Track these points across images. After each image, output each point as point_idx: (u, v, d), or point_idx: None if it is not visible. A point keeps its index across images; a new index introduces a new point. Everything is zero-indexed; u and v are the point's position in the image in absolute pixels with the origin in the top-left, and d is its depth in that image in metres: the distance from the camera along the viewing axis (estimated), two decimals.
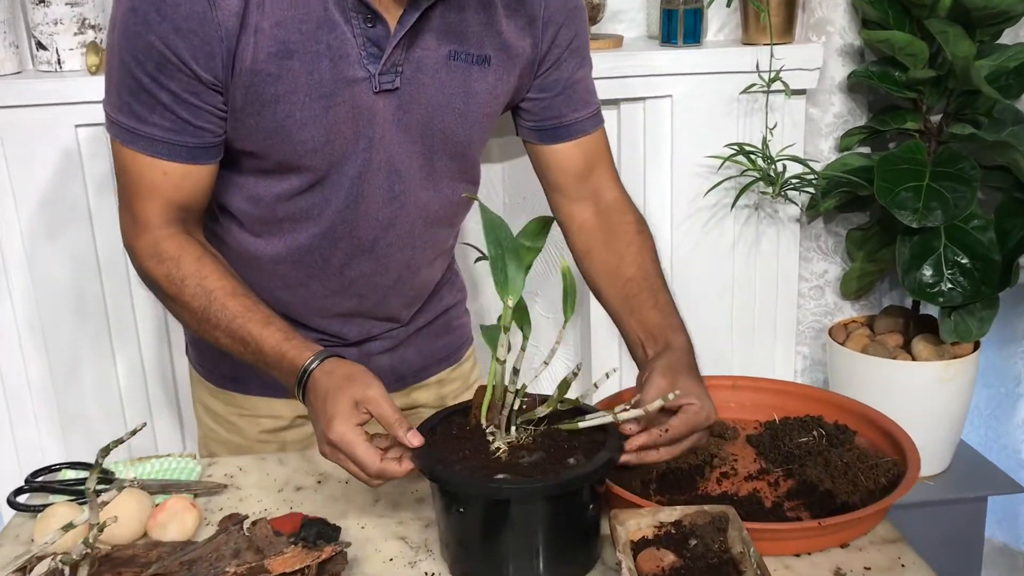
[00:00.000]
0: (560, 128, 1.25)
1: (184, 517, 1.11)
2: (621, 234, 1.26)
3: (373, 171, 1.16)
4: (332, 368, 1.05)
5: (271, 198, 1.17)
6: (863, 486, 1.14)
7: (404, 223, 1.22)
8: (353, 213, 1.18)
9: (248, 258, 1.23)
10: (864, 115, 2.01)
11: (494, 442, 1.04)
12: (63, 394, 1.84)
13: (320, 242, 1.20)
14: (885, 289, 2.16)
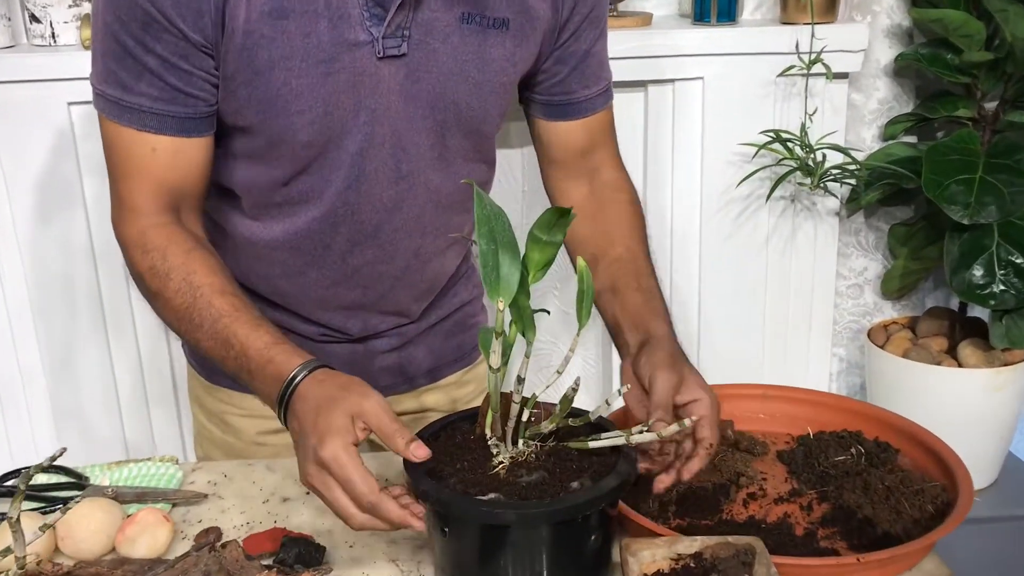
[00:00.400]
0: (569, 105, 1.17)
1: (156, 531, 1.02)
2: (613, 214, 1.20)
3: (376, 147, 1.07)
4: (324, 378, 0.93)
5: (266, 181, 1.09)
6: (907, 514, 1.03)
7: (411, 207, 1.13)
8: (354, 194, 1.09)
9: (246, 243, 1.15)
10: (911, 101, 1.90)
11: (497, 455, 0.94)
12: (56, 386, 1.77)
13: (320, 226, 1.11)
14: (929, 289, 2.04)
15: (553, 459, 0.94)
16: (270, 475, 1.20)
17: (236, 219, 1.15)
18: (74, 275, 1.72)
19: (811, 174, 1.76)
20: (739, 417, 1.25)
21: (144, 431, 1.83)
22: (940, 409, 1.71)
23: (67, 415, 1.79)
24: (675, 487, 1.07)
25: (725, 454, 1.16)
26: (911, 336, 1.92)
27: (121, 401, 1.81)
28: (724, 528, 1.02)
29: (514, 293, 0.87)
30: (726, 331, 1.95)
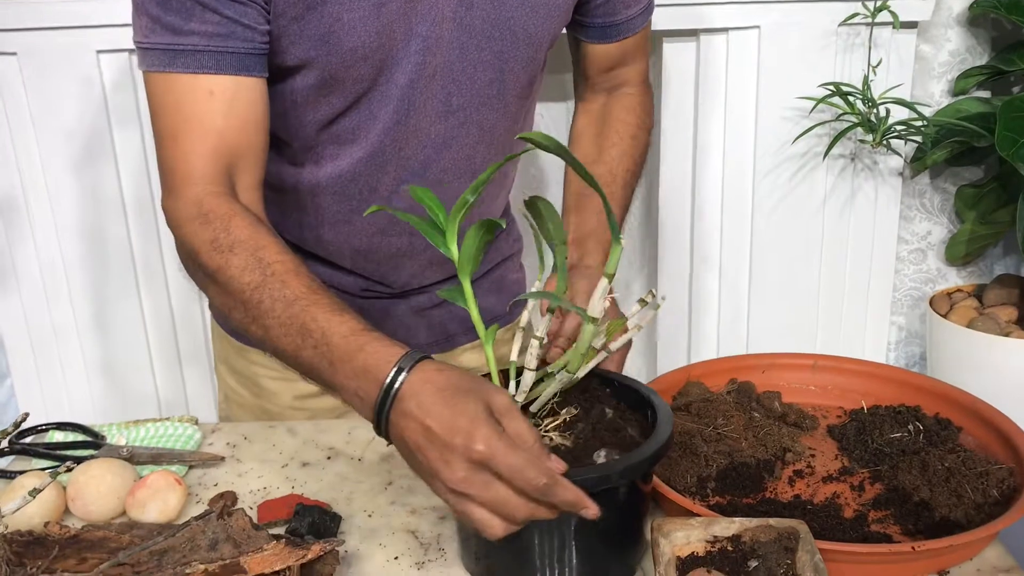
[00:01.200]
0: (609, 27, 1.15)
1: (167, 495, 0.98)
2: (612, 132, 1.18)
3: (427, 79, 1.02)
4: (440, 366, 0.77)
5: (313, 122, 1.04)
6: (969, 498, 0.95)
7: (462, 145, 1.08)
8: (402, 130, 1.04)
9: (286, 191, 1.11)
10: (985, 53, 1.78)
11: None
12: (88, 341, 1.75)
13: (365, 167, 1.06)
14: (998, 255, 1.94)
15: (579, 426, 0.88)
16: (291, 439, 1.15)
17: (280, 167, 1.10)
18: (105, 229, 1.69)
19: (873, 130, 1.66)
20: (787, 388, 1.18)
21: (177, 389, 1.80)
22: (1007, 384, 1.61)
23: (100, 371, 1.77)
24: (714, 462, 1.01)
25: (770, 428, 1.09)
26: (977, 305, 1.81)
27: (154, 358, 1.78)
28: (767, 507, 0.96)
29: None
30: (778, 297, 1.86)
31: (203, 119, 0.92)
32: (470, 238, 0.84)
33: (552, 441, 0.86)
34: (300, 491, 1.04)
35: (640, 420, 0.91)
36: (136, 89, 1.62)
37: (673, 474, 1.01)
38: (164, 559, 0.87)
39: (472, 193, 0.83)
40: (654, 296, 0.87)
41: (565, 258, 0.86)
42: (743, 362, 1.21)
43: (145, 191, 1.68)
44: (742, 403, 1.13)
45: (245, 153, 0.96)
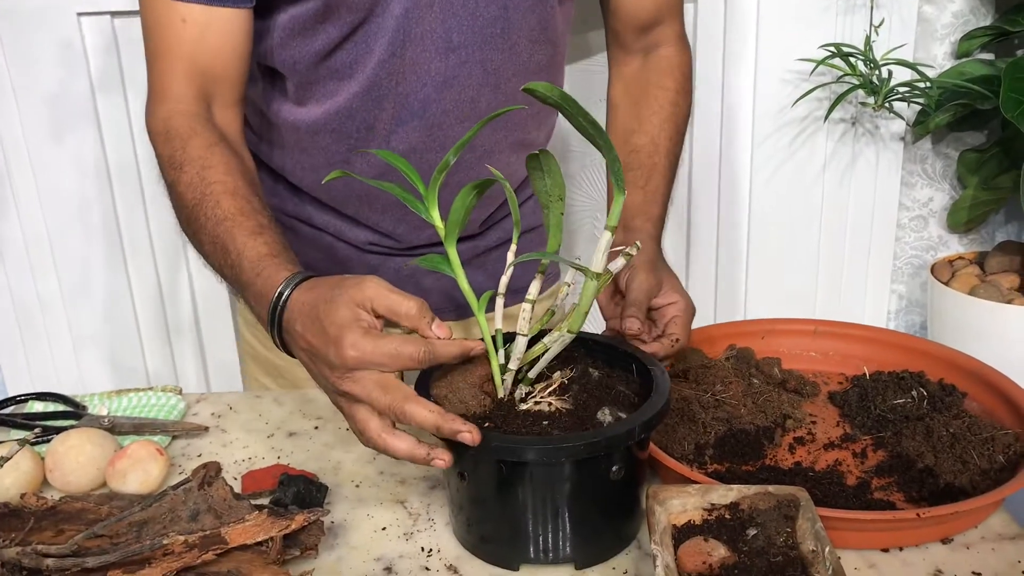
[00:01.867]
0: None
1: (148, 466, 0.95)
2: (652, 99, 1.13)
3: (423, 9, 0.98)
4: (314, 283, 0.83)
5: (309, 54, 1.01)
6: (974, 464, 0.92)
7: (464, 86, 1.04)
8: (398, 63, 1.01)
9: (292, 132, 1.09)
10: (990, 14, 1.73)
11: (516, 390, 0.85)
12: (74, 312, 1.72)
13: (362, 103, 1.03)
14: (1000, 222, 1.90)
15: (576, 387, 0.85)
16: (277, 408, 1.12)
17: (281, 106, 1.08)
18: (89, 197, 1.65)
19: (875, 92, 1.62)
20: (787, 354, 1.15)
21: (165, 360, 1.77)
22: (1010, 352, 1.58)
23: (87, 343, 1.74)
24: (712, 429, 0.99)
25: (770, 394, 1.06)
26: (979, 272, 1.78)
27: (141, 329, 1.75)
28: (767, 475, 0.93)
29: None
30: (776, 265, 1.83)
31: (175, 44, 0.96)
32: (458, 202, 0.81)
33: (551, 406, 0.83)
34: (286, 461, 1.01)
35: (626, 376, 0.88)
36: (119, 53, 1.58)
37: (670, 441, 0.98)
38: (143, 530, 0.84)
39: (453, 154, 0.79)
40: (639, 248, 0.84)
41: (561, 213, 0.83)
42: (742, 328, 1.18)
43: (130, 159, 1.64)
44: (741, 369, 1.11)
45: (219, 79, 0.98)
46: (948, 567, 0.81)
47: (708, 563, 0.75)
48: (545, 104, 0.74)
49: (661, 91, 1.13)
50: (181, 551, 0.78)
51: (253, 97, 1.10)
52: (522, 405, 0.84)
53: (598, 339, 0.93)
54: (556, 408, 0.83)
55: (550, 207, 0.82)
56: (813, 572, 0.74)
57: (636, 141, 1.10)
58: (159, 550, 0.78)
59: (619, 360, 0.91)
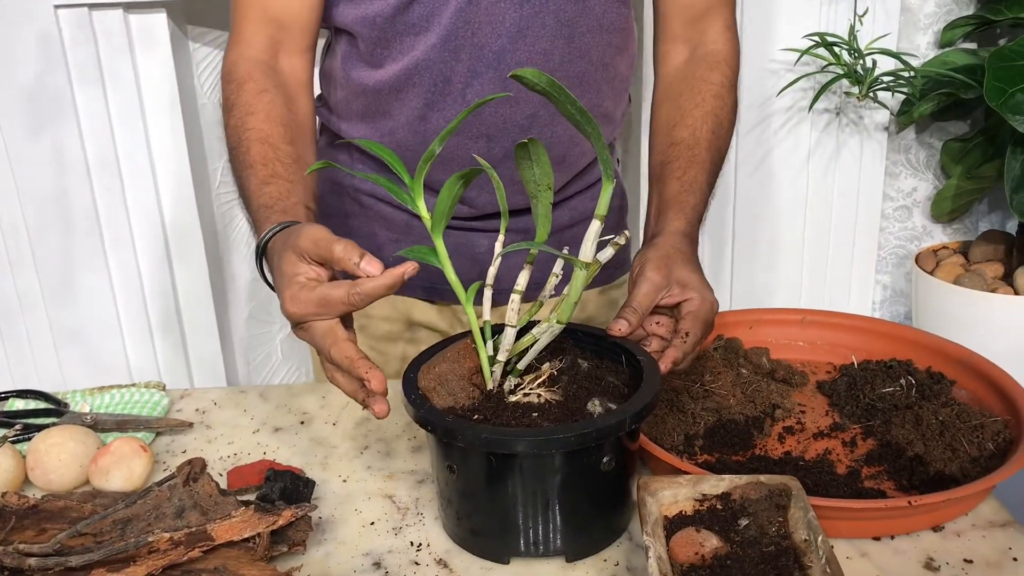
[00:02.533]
0: None
1: (131, 463, 0.94)
2: (695, 92, 1.09)
3: None
4: (280, 236, 0.89)
5: (387, 9, 1.03)
6: (964, 452, 0.92)
7: (538, 37, 1.03)
8: (475, 11, 1.01)
9: (371, 96, 1.10)
10: (972, 3, 1.74)
11: (504, 381, 0.84)
12: (55, 309, 1.70)
13: (439, 55, 1.03)
14: (983, 211, 1.91)
15: (565, 378, 0.84)
16: (262, 404, 1.11)
17: (359, 70, 1.09)
18: (69, 192, 1.63)
19: (859, 82, 1.62)
20: (776, 344, 1.15)
21: (148, 357, 1.75)
22: (994, 340, 1.59)
23: (68, 340, 1.72)
24: (702, 419, 0.98)
25: (759, 384, 1.06)
26: (963, 262, 1.78)
27: (123, 326, 1.73)
28: (757, 465, 0.93)
29: None
30: (762, 255, 1.83)
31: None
32: (445, 192, 0.80)
33: (541, 398, 0.82)
34: (272, 457, 1.00)
35: (615, 367, 0.87)
36: (97, 45, 1.56)
37: (660, 432, 0.97)
38: (127, 528, 0.83)
39: (439, 144, 0.78)
40: (627, 237, 0.83)
41: (550, 203, 0.82)
42: (729, 318, 1.17)
43: (110, 153, 1.62)
44: (729, 360, 1.10)
45: (288, 27, 1.04)
46: (939, 555, 0.81)
47: (700, 554, 0.75)
48: (533, 91, 0.73)
49: (705, 84, 1.10)
50: (166, 548, 0.76)
51: (332, 73, 1.13)
52: (511, 397, 0.83)
53: (587, 330, 0.92)
54: (546, 400, 0.82)
55: (539, 196, 0.81)
56: (805, 562, 0.73)
57: (677, 134, 1.07)
58: (144, 548, 0.76)
59: (608, 351, 0.90)
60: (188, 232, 1.69)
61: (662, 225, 1.02)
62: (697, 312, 0.92)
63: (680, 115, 1.09)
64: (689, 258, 0.97)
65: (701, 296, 0.93)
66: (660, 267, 0.93)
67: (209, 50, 1.70)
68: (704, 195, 1.05)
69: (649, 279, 0.92)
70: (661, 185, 1.06)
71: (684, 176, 1.04)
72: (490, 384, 0.83)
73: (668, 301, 0.93)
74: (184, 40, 1.66)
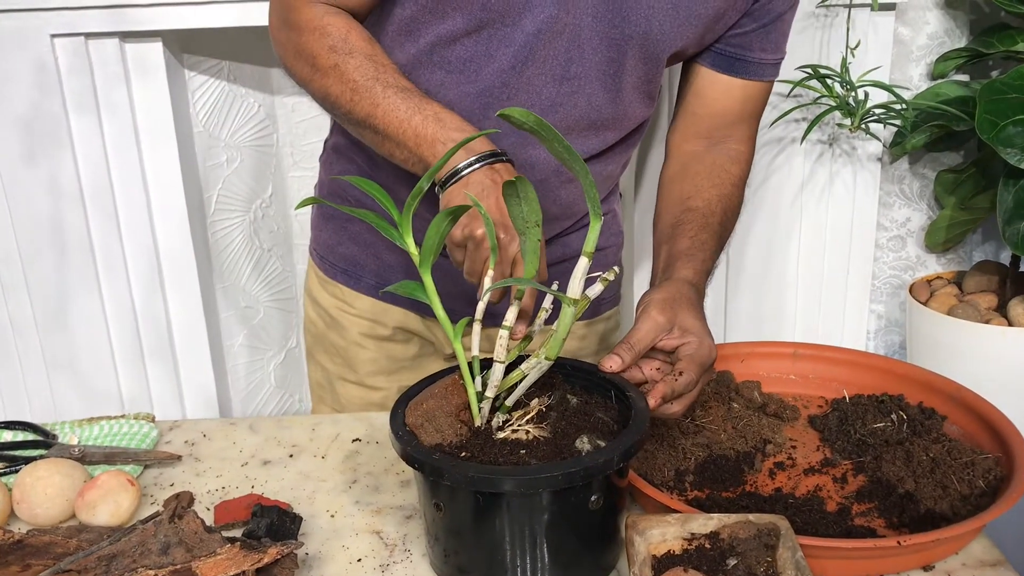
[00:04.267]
0: (740, 61, 1.09)
1: (118, 496, 0.93)
2: (714, 176, 1.11)
3: (555, 35, 0.99)
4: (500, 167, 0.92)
5: (430, 36, 1.01)
6: (955, 490, 0.92)
7: (567, 116, 1.04)
8: (517, 77, 1.01)
9: None
10: (964, 36, 1.74)
11: (493, 418, 0.84)
12: (48, 337, 1.69)
13: (471, 104, 1.03)
14: (977, 242, 1.91)
15: (554, 414, 0.84)
16: (252, 436, 1.10)
17: None
18: (63, 219, 1.63)
19: (852, 114, 1.62)
20: (767, 378, 1.15)
21: (141, 385, 1.75)
22: (988, 372, 1.58)
23: (60, 367, 1.71)
24: (692, 455, 0.98)
25: (750, 419, 1.05)
26: (957, 292, 1.78)
27: (116, 354, 1.72)
28: (748, 501, 0.92)
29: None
30: (755, 286, 1.83)
31: None
32: (432, 228, 0.80)
33: (529, 434, 0.82)
34: (260, 491, 0.99)
35: (604, 403, 0.87)
36: (92, 74, 1.56)
37: (650, 468, 0.97)
38: (112, 564, 0.82)
39: (426, 180, 0.79)
40: (617, 273, 0.83)
41: (539, 240, 0.82)
42: (721, 351, 1.17)
43: (104, 181, 1.62)
44: (721, 393, 1.10)
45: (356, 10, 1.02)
46: None
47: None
48: (520, 129, 0.73)
49: (725, 173, 1.12)
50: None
51: None
52: (499, 433, 0.82)
53: (577, 364, 0.92)
54: (534, 436, 0.82)
55: (527, 233, 0.81)
56: None
57: (692, 203, 1.09)
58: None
59: (598, 386, 0.90)
60: (182, 259, 1.69)
61: (670, 273, 1.02)
62: (694, 355, 0.91)
63: (696, 191, 1.10)
64: (694, 304, 0.97)
65: (700, 340, 0.92)
66: (664, 309, 0.93)
67: (204, 78, 1.70)
68: (713, 258, 1.06)
69: (652, 318, 0.92)
70: (672, 242, 1.06)
71: (696, 236, 1.06)
72: (478, 421, 0.83)
73: (667, 344, 0.93)
74: (179, 68, 1.66)
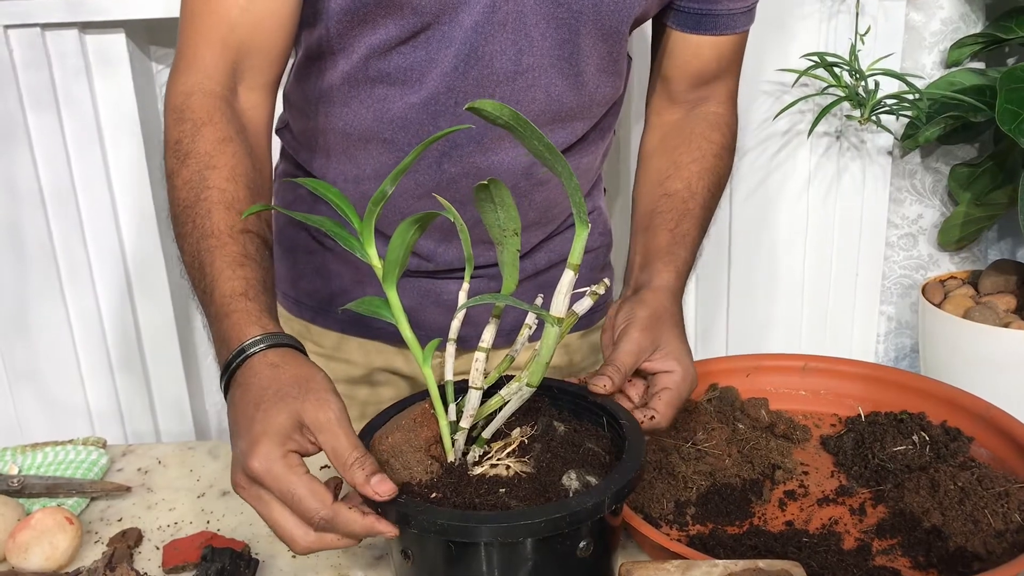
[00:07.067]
0: (706, 17, 1.00)
1: (55, 537, 0.84)
2: (694, 147, 1.02)
3: (496, 26, 0.90)
4: (277, 361, 0.73)
5: (363, 49, 0.92)
6: (987, 524, 0.83)
7: (527, 112, 0.94)
8: (461, 79, 0.92)
9: (339, 137, 0.99)
10: (980, 22, 1.65)
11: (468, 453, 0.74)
12: (8, 347, 1.61)
13: (418, 115, 0.94)
14: (993, 239, 1.82)
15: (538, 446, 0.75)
16: (211, 462, 1.01)
17: (331, 110, 0.98)
18: (22, 223, 1.54)
19: (861, 105, 1.53)
20: (775, 394, 1.06)
21: (110, 399, 1.65)
22: (1007, 379, 1.49)
23: (23, 380, 1.62)
24: (694, 484, 0.89)
25: (757, 441, 0.96)
26: (973, 293, 1.69)
27: (82, 365, 1.63)
28: (755, 539, 0.83)
29: None
30: (759, 287, 1.74)
31: (219, 7, 0.87)
32: (397, 238, 0.71)
33: (509, 470, 0.73)
34: (216, 526, 0.90)
35: (595, 430, 0.78)
36: (51, 68, 1.47)
37: (648, 499, 0.88)
38: None
39: (391, 183, 0.69)
40: (608, 286, 0.74)
41: (517, 250, 0.73)
42: (724, 365, 1.08)
43: (66, 180, 1.53)
44: (724, 412, 1.01)
45: (256, 53, 0.89)
46: None
47: None
48: (494, 125, 0.63)
49: (706, 142, 1.03)
50: None
51: (301, 101, 1.01)
52: (476, 469, 0.73)
53: (563, 387, 0.82)
54: (515, 472, 0.73)
55: (504, 243, 0.72)
56: None
57: (671, 186, 1.00)
58: None
59: (588, 410, 0.81)
60: (151, 265, 1.60)
61: (649, 276, 0.94)
62: (673, 392, 0.85)
63: (675, 168, 1.02)
64: (677, 321, 0.91)
65: (683, 372, 0.86)
66: (648, 329, 0.87)
67: None
68: (694, 250, 0.98)
69: (635, 339, 0.86)
70: (650, 235, 0.98)
71: (676, 228, 0.97)
72: (451, 456, 0.73)
73: (648, 366, 0.86)
74: (146, 61, 1.57)
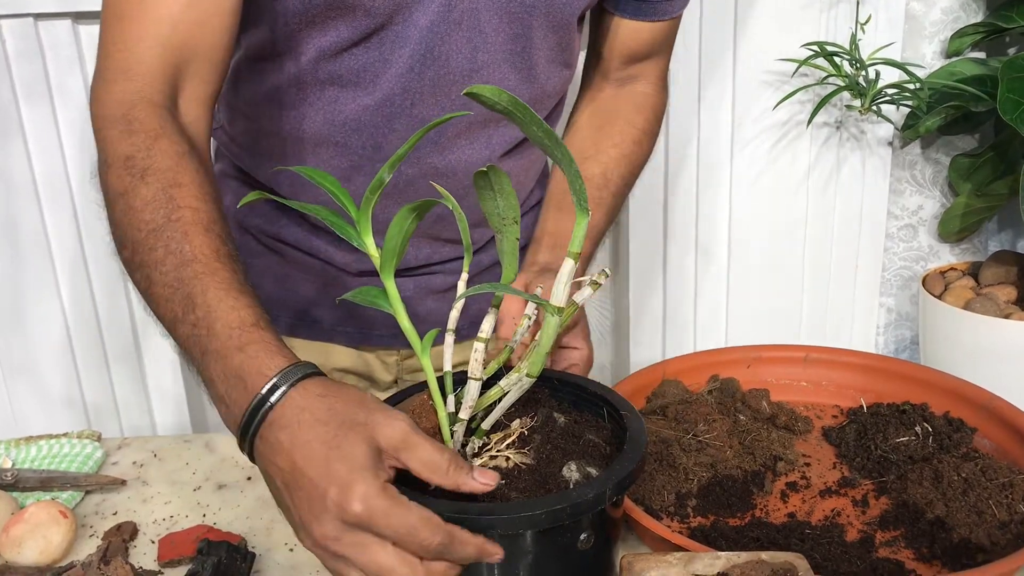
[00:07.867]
0: (646, 3, 1.00)
1: (48, 531, 0.83)
2: (616, 131, 1.02)
3: (452, 25, 0.88)
4: (324, 390, 0.64)
5: (314, 51, 0.89)
6: (991, 515, 0.82)
7: (482, 110, 0.91)
8: (417, 79, 0.90)
9: (290, 142, 0.95)
10: (981, 11, 1.64)
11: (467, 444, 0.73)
12: (3, 340, 1.59)
13: (372, 118, 0.92)
14: (993, 230, 1.81)
15: (538, 437, 0.74)
16: (208, 455, 1.00)
17: (280, 113, 0.94)
18: (16, 215, 1.52)
19: (862, 95, 1.52)
20: (776, 385, 1.05)
21: (106, 392, 1.64)
22: (1008, 371, 1.48)
23: (17, 372, 1.61)
24: (695, 477, 0.88)
25: (758, 432, 0.95)
26: (973, 284, 1.68)
27: (78, 358, 1.61)
28: (757, 531, 0.82)
29: None
30: (759, 279, 1.73)
31: (157, 3, 0.77)
32: (395, 227, 0.69)
33: (509, 461, 0.72)
34: (212, 520, 0.89)
35: (595, 421, 0.77)
36: (44, 58, 1.45)
37: (649, 491, 0.87)
38: None
39: (388, 171, 0.68)
40: (607, 276, 0.73)
41: (516, 239, 0.72)
42: (725, 356, 1.07)
43: (60, 173, 1.51)
44: (725, 404, 1.00)
45: (198, 55, 0.79)
46: None
47: None
48: (492, 110, 0.62)
49: (628, 126, 1.04)
50: None
51: (243, 103, 0.98)
52: (475, 461, 0.72)
53: (564, 378, 0.81)
54: (515, 464, 0.72)
55: (503, 231, 0.71)
56: None
57: (588, 169, 1.00)
58: None
59: (588, 401, 0.80)
60: None
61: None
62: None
63: (595, 149, 1.03)
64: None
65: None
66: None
67: None
68: (599, 241, 1.01)
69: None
70: (560, 215, 0.99)
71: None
72: (450, 447, 0.72)
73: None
74: None
